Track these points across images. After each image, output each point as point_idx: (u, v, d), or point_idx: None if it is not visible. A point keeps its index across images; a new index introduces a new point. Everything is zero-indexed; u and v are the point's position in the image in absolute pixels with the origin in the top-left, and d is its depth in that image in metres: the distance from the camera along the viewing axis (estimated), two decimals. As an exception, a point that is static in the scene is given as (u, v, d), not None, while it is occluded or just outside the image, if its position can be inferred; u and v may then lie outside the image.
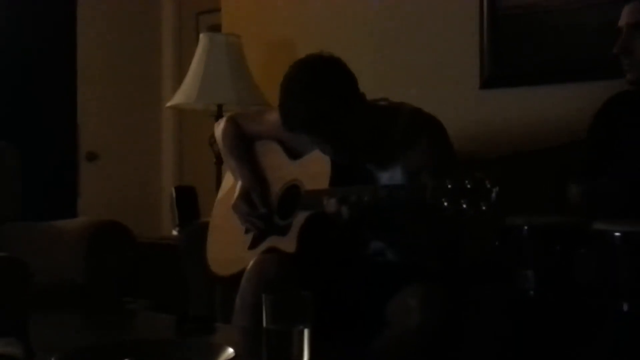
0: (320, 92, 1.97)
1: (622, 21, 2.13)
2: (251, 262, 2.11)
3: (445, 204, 1.63)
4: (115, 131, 4.65)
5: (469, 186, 1.60)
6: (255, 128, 2.42)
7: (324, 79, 2.00)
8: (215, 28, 4.10)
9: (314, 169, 2.15)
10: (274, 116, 2.32)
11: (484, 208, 1.59)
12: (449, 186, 1.62)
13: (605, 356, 1.77)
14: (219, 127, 2.48)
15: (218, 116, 3.54)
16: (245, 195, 2.27)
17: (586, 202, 2.13)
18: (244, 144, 2.41)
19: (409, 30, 3.22)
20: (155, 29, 4.92)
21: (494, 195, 1.59)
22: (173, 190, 3.83)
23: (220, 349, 1.46)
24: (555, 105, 2.82)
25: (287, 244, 2.12)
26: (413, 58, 3.20)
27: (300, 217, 2.12)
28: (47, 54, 4.29)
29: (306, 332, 1.33)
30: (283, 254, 2.12)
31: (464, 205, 1.60)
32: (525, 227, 1.99)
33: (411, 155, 2.04)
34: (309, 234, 2.09)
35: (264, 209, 2.24)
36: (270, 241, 2.20)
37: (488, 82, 3.01)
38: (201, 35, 3.71)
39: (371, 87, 2.15)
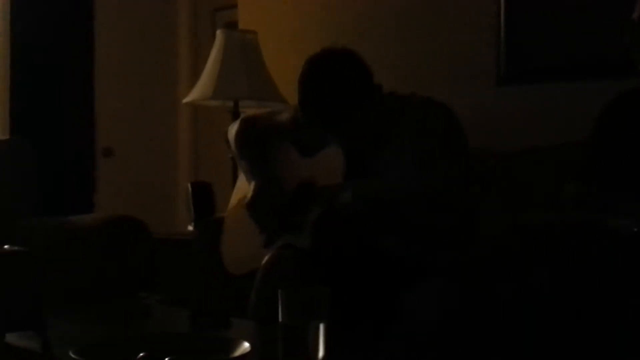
0: (340, 88, 1.99)
1: (636, 13, 2.09)
2: (266, 258, 2.12)
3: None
4: (132, 127, 4.66)
5: None
6: (268, 128, 2.42)
7: (342, 74, 2.02)
8: (232, 24, 4.11)
9: (327, 165, 2.15)
10: (285, 116, 2.33)
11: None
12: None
13: (619, 353, 1.76)
14: (232, 130, 2.49)
15: (234, 112, 3.55)
16: (258, 196, 2.26)
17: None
18: (256, 145, 2.41)
19: (425, 26, 3.22)
20: (171, 26, 4.93)
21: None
22: (189, 185, 3.84)
23: (236, 343, 1.46)
24: (573, 103, 2.80)
25: (302, 240, 2.13)
26: (428, 54, 3.19)
27: (314, 213, 2.12)
28: (64, 51, 4.32)
29: (322, 328, 1.33)
30: (298, 250, 2.12)
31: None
32: (540, 224, 1.99)
33: (423, 144, 2.04)
34: (323, 230, 2.10)
35: (273, 212, 2.23)
36: (285, 238, 2.20)
37: (504, 79, 3.00)
38: (218, 32, 3.72)
39: (385, 83, 2.15)
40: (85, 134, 4.45)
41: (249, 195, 2.29)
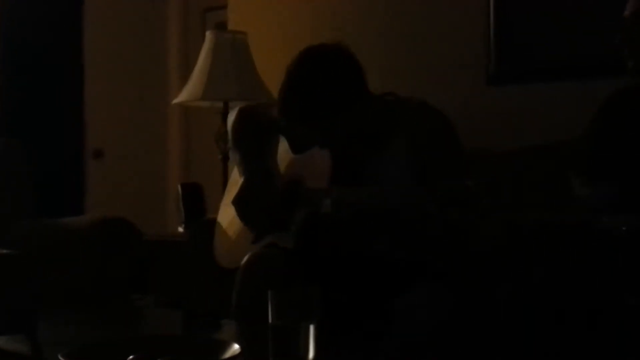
0: (320, 83, 1.97)
1: (628, 10, 2.10)
2: (246, 257, 2.11)
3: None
4: (122, 128, 4.65)
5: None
6: (265, 121, 2.41)
7: (325, 69, 2.00)
8: (222, 25, 4.10)
9: (316, 165, 2.15)
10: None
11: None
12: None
13: (615, 354, 1.77)
14: (230, 120, 2.47)
15: (224, 113, 3.55)
16: (245, 191, 2.26)
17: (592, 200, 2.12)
18: (253, 137, 2.39)
19: (416, 28, 3.22)
20: (161, 26, 4.92)
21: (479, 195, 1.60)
22: (179, 187, 3.83)
23: (227, 345, 1.46)
24: (566, 103, 2.81)
25: (286, 240, 2.12)
26: (418, 53, 3.20)
27: (300, 214, 2.11)
28: (54, 52, 4.31)
29: (312, 329, 1.33)
30: (280, 249, 2.11)
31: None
32: (534, 224, 1.99)
33: (416, 151, 2.04)
34: (307, 232, 2.09)
35: (262, 208, 2.23)
36: (272, 236, 2.20)
37: (495, 78, 3.00)
38: (207, 33, 3.71)
39: (377, 83, 2.15)
40: (75, 135, 4.44)
41: (237, 191, 2.28)
